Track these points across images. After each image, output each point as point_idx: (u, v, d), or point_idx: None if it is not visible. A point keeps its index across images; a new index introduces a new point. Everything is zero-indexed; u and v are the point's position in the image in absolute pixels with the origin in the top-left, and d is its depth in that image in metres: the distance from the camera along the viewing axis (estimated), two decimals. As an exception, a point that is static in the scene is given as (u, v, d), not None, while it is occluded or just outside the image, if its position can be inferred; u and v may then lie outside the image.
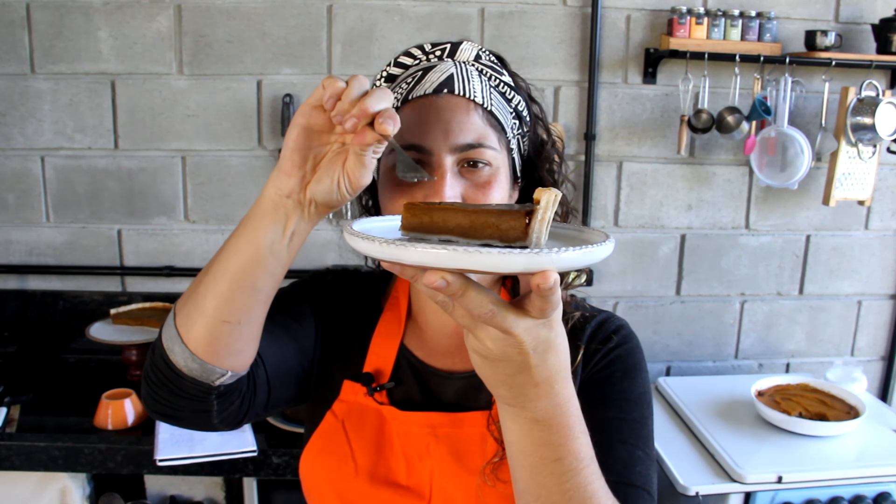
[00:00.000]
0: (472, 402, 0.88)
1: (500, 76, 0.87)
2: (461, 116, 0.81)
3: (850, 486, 1.66)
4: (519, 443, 0.67)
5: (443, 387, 0.91)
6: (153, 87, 2.04)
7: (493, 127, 0.83)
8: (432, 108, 0.81)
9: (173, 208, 2.12)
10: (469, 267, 0.54)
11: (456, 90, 0.81)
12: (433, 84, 0.82)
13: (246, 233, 0.72)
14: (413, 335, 0.95)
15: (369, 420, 0.89)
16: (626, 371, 0.88)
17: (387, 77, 0.88)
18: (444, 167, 0.79)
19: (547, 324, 0.60)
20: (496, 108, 0.84)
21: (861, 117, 2.00)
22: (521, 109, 0.89)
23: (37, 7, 1.98)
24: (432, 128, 0.80)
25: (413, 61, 0.87)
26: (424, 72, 0.83)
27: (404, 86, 0.84)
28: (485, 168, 0.81)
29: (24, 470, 1.61)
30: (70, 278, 2.14)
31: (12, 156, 2.07)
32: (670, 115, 2.13)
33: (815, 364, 2.34)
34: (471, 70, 0.84)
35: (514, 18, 2.06)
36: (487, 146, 0.81)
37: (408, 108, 0.82)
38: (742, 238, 2.25)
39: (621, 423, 0.84)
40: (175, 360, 0.74)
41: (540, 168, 0.92)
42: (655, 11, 2.07)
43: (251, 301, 0.73)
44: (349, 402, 0.90)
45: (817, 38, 2.00)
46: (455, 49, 0.86)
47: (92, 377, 1.94)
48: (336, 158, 0.70)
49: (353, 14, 2.02)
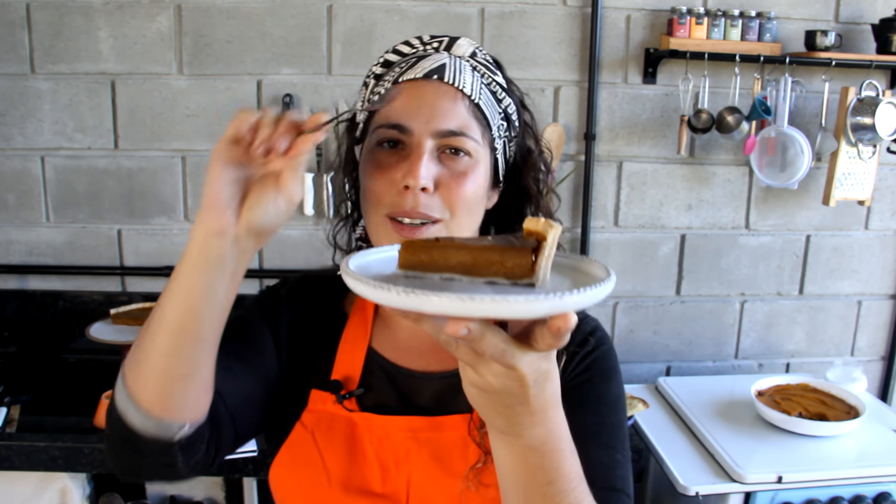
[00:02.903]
0: (451, 405, 0.86)
1: (493, 76, 0.87)
2: (447, 103, 0.82)
3: (850, 486, 1.66)
4: (511, 468, 0.66)
5: (419, 389, 0.89)
6: (153, 87, 2.04)
7: (478, 120, 0.84)
8: (419, 91, 0.82)
9: (173, 208, 2.12)
10: (497, 315, 0.52)
11: (446, 78, 0.82)
12: (424, 70, 0.83)
13: (181, 285, 0.68)
14: (383, 337, 0.93)
15: (340, 428, 0.87)
16: (603, 374, 0.89)
17: (383, 63, 0.89)
18: (422, 147, 0.80)
19: (547, 356, 0.60)
20: (484, 103, 0.85)
21: (861, 117, 2.00)
22: (511, 113, 0.89)
23: (37, 7, 1.98)
24: (416, 110, 0.81)
25: (410, 50, 0.88)
26: (419, 59, 0.85)
27: (397, 70, 0.85)
28: (464, 157, 0.82)
29: (24, 470, 1.61)
30: (70, 278, 2.14)
31: (12, 156, 2.07)
32: (670, 115, 2.13)
33: (815, 364, 2.33)
34: (464, 64, 0.85)
35: (514, 18, 2.06)
36: (469, 136, 0.82)
37: (397, 89, 0.83)
38: (742, 238, 2.25)
39: (601, 427, 0.85)
40: (131, 422, 0.71)
41: (525, 175, 0.92)
42: (655, 11, 2.07)
43: (197, 352, 0.71)
44: (318, 412, 0.88)
45: (817, 38, 2.00)
46: (452, 43, 0.88)
47: (92, 377, 1.94)
48: (265, 181, 0.66)
49: (353, 14, 2.02)
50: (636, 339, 2.28)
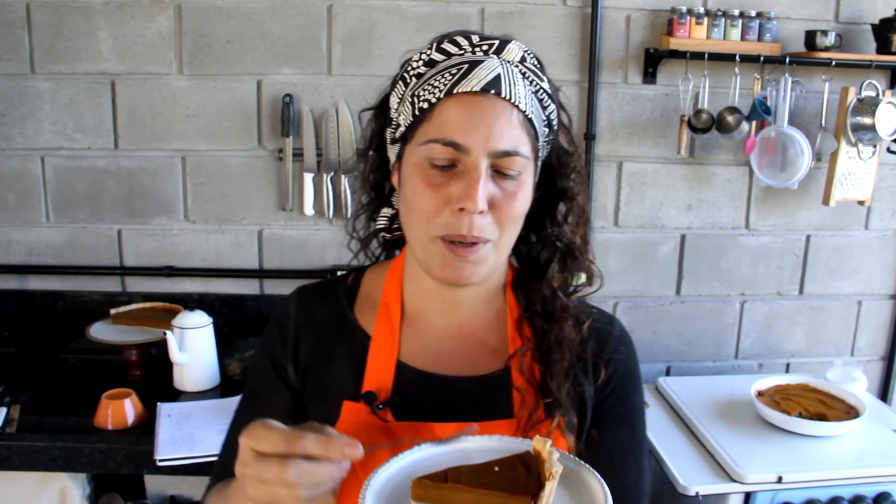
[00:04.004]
0: (490, 410, 0.87)
1: (540, 82, 0.86)
2: (503, 121, 0.80)
3: (850, 486, 1.66)
4: None
5: (454, 394, 0.89)
6: (153, 87, 2.04)
7: (527, 133, 0.83)
8: (477, 107, 0.80)
9: (173, 208, 2.12)
10: None
11: (502, 92, 0.80)
12: (481, 81, 0.80)
13: None
14: (412, 345, 0.92)
15: (377, 439, 0.86)
16: (634, 385, 0.92)
17: (427, 61, 0.85)
18: (479, 169, 0.79)
19: None
20: (534, 114, 0.84)
21: (861, 117, 2.00)
22: (553, 118, 0.88)
23: (37, 7, 1.98)
24: (473, 128, 0.79)
25: (458, 51, 0.84)
26: (471, 66, 0.81)
27: (448, 76, 0.81)
28: (515, 176, 0.82)
29: (24, 470, 1.61)
30: (70, 278, 2.14)
31: (12, 156, 2.07)
32: (670, 115, 2.13)
33: (815, 364, 2.34)
34: (515, 73, 0.83)
35: (514, 18, 2.05)
36: (521, 155, 0.82)
37: (452, 101, 0.80)
38: (742, 238, 2.25)
39: (634, 441, 0.89)
40: None
41: (564, 177, 0.92)
42: (655, 11, 2.07)
43: None
44: (351, 424, 0.87)
45: (817, 38, 2.00)
46: (503, 47, 0.84)
47: (92, 377, 1.94)
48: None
49: (353, 14, 2.02)
50: (636, 339, 2.21)
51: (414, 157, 0.83)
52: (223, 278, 2.16)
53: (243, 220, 2.13)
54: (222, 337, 1.98)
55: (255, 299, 2.17)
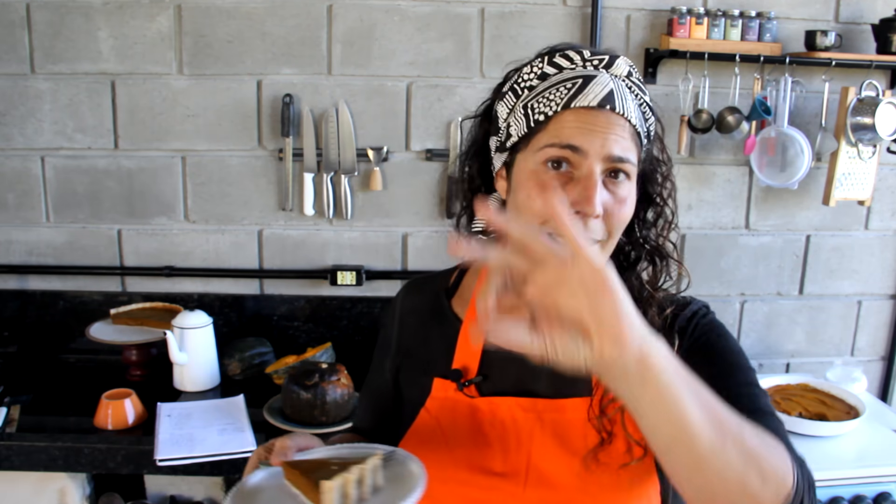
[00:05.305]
0: (568, 389, 0.93)
1: (643, 96, 0.92)
2: (618, 133, 0.85)
3: (850, 486, 1.66)
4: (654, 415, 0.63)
5: (535, 374, 0.94)
6: (153, 87, 2.04)
7: (636, 144, 0.89)
8: (593, 119, 0.85)
9: (173, 208, 2.12)
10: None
11: (616, 108, 0.86)
12: (596, 97, 0.85)
13: None
14: None
15: (461, 413, 0.95)
16: (720, 335, 0.94)
17: (539, 74, 0.90)
18: (595, 174, 0.84)
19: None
20: (640, 126, 0.89)
21: (861, 117, 2.00)
22: (652, 129, 0.94)
23: (37, 7, 1.98)
24: (591, 134, 0.84)
25: (570, 65, 0.90)
26: (585, 81, 0.86)
27: (563, 90, 0.86)
28: (625, 181, 0.87)
29: (23, 470, 1.61)
30: (70, 278, 2.14)
31: (12, 156, 2.07)
32: (670, 115, 2.13)
33: (815, 364, 2.33)
34: (623, 87, 0.89)
35: (514, 18, 2.06)
36: (631, 161, 0.87)
37: (570, 114, 0.85)
38: (742, 238, 2.25)
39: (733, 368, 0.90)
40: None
41: (655, 183, 0.96)
42: (655, 11, 2.07)
43: None
44: (440, 399, 0.98)
45: (817, 38, 2.00)
46: (612, 62, 0.90)
47: (92, 377, 1.95)
48: None
49: (353, 14, 2.02)
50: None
51: (529, 164, 0.87)
52: (223, 278, 2.16)
53: (243, 220, 2.13)
54: (222, 337, 1.98)
55: (255, 299, 2.17)
